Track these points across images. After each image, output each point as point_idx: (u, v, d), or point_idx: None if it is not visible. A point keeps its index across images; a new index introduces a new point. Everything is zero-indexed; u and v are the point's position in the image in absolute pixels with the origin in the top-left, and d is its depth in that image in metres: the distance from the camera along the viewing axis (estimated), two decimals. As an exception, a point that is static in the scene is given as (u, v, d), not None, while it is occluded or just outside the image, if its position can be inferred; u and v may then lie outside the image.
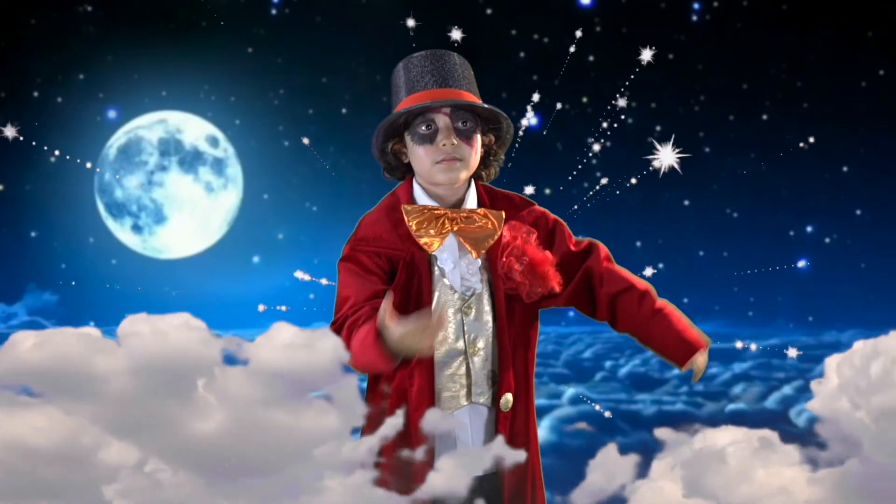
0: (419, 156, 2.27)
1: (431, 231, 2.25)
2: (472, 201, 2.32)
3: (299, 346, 1.79)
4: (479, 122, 2.29)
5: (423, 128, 2.25)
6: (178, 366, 1.72)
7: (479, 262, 2.29)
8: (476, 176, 2.36)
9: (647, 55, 3.57)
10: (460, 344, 2.27)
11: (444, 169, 2.25)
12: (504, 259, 2.26)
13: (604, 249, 2.39)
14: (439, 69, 2.27)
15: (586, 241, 2.39)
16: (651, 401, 10.54)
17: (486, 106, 2.26)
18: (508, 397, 2.28)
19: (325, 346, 1.82)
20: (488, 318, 2.29)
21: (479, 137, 2.29)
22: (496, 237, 2.27)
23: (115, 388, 1.70)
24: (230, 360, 1.83)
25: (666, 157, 2.66)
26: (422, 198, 2.31)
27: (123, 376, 1.70)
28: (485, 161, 2.35)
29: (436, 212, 2.27)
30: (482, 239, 2.27)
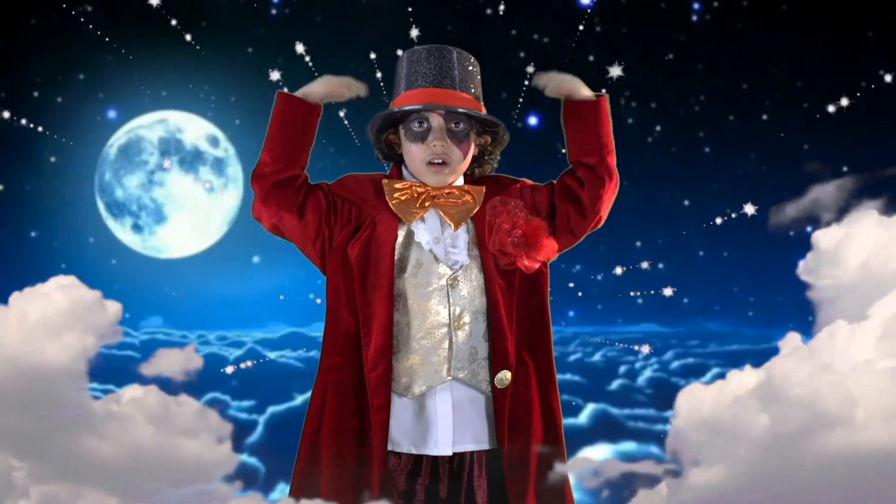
0: (410, 152, 2.29)
1: (412, 207, 2.26)
2: (458, 182, 2.36)
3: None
4: (475, 123, 2.29)
5: (416, 125, 2.27)
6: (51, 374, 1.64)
7: (467, 236, 2.29)
8: (469, 173, 2.37)
9: None
10: (443, 317, 2.26)
11: (432, 172, 2.28)
12: (495, 237, 2.26)
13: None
14: (439, 67, 2.26)
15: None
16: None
17: (478, 114, 2.26)
18: (506, 374, 2.26)
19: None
20: (477, 292, 2.28)
21: (472, 139, 2.29)
22: (475, 210, 2.28)
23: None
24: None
25: None
26: (409, 179, 2.35)
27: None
28: (479, 160, 2.36)
29: (418, 188, 2.27)
30: (463, 213, 2.28)
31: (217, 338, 11.80)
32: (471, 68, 2.31)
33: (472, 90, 2.29)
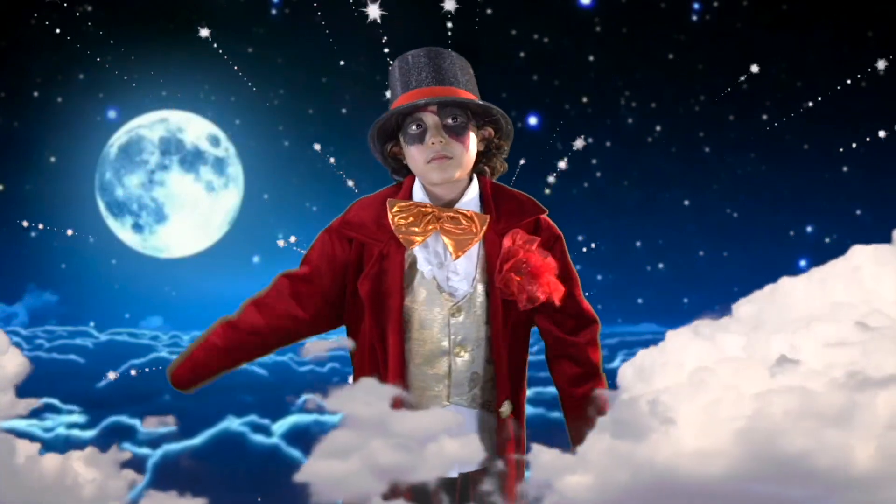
0: (412, 156, 2.25)
1: (415, 228, 2.23)
2: (471, 199, 2.29)
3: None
4: (472, 117, 2.26)
5: (413, 127, 2.23)
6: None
7: (473, 262, 2.27)
8: (480, 172, 2.33)
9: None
10: (445, 343, 2.25)
11: (435, 168, 2.22)
12: (504, 268, 2.22)
13: (592, 334, 2.34)
14: (429, 66, 2.24)
15: (588, 313, 2.34)
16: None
17: (472, 101, 2.22)
18: (508, 405, 2.28)
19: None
20: (481, 320, 2.27)
21: (471, 133, 2.25)
22: (475, 239, 2.23)
23: None
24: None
25: None
26: (419, 194, 2.28)
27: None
28: (486, 154, 2.32)
29: (423, 209, 2.24)
30: (464, 241, 2.23)
31: (192, 339, 11.68)
32: (461, 66, 2.27)
33: (466, 84, 2.26)
